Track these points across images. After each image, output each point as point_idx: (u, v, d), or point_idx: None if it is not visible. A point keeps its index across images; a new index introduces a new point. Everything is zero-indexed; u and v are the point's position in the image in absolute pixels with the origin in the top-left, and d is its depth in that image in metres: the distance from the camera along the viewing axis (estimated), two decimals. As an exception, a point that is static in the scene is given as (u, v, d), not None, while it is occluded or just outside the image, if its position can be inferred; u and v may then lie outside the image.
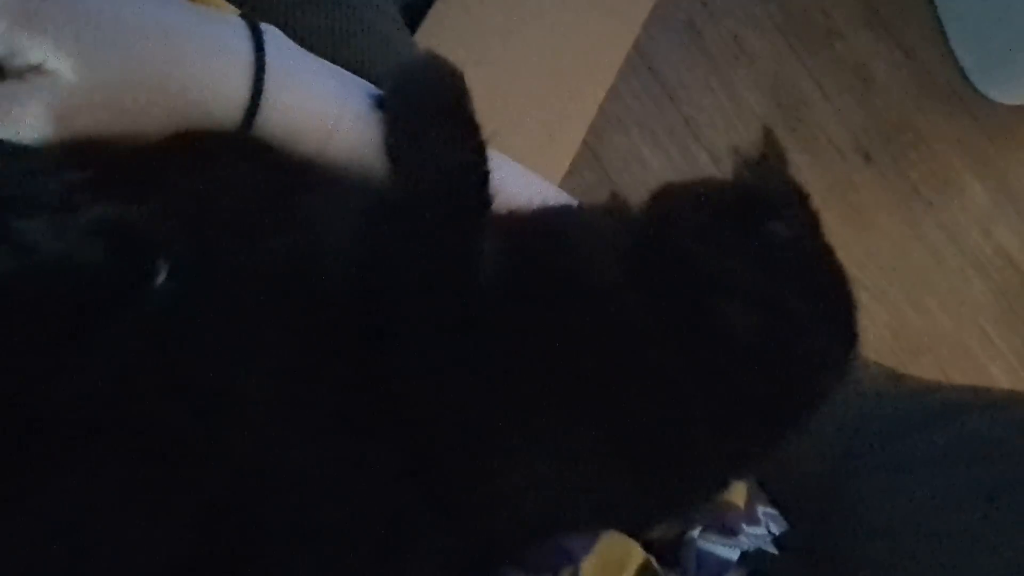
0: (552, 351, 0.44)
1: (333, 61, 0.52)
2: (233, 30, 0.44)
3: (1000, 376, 1.44)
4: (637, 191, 0.54)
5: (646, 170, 1.40)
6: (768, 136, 0.55)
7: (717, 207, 0.50)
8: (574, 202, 0.58)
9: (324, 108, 0.47)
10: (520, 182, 0.55)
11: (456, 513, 0.43)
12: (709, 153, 1.42)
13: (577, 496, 0.45)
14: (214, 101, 0.43)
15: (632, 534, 0.51)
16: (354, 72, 0.52)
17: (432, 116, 0.48)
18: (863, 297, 1.50)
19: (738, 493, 0.56)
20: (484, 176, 0.47)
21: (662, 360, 0.44)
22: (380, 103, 0.50)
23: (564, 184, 1.31)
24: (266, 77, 0.44)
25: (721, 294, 0.46)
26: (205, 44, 0.42)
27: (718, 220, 0.48)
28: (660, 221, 0.49)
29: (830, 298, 0.49)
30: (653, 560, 0.51)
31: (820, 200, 1.53)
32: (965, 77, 1.51)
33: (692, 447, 0.45)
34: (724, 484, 0.51)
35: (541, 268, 0.46)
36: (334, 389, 0.41)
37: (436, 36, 1.02)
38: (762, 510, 0.58)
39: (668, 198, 0.52)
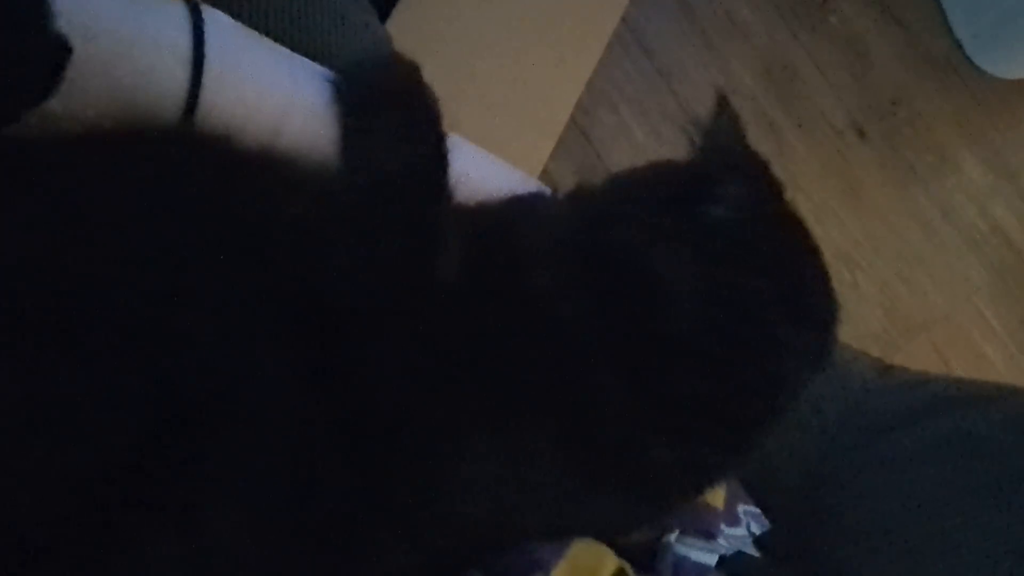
0: (504, 354, 0.42)
1: (290, 42, 0.49)
2: (170, 20, 0.41)
3: (994, 356, 1.43)
4: None
5: (636, 148, 1.37)
6: (722, 102, 0.52)
7: (660, 194, 0.47)
8: (544, 190, 0.55)
9: (270, 103, 0.44)
10: (486, 171, 0.53)
11: (408, 519, 0.41)
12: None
13: (535, 504, 0.43)
14: (147, 99, 0.40)
15: (605, 539, 0.49)
16: (312, 54, 0.50)
17: (384, 110, 0.46)
18: (856, 276, 1.48)
19: (716, 494, 0.54)
20: (443, 169, 0.45)
21: (607, 367, 0.42)
22: (335, 96, 0.47)
23: (552, 164, 1.29)
24: (205, 72, 0.41)
25: (664, 294, 0.43)
26: (135, 39, 0.39)
27: (660, 210, 0.46)
28: (602, 216, 0.47)
29: (792, 281, 0.46)
30: (628, 566, 0.49)
31: (813, 177, 1.50)
32: (962, 51, 1.48)
33: (647, 457, 0.43)
34: (694, 492, 0.49)
35: (494, 265, 0.43)
36: (277, 393, 0.38)
37: (415, 14, 0.99)
38: (743, 508, 0.56)
39: (613, 190, 0.49)
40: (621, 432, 0.43)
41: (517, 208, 0.48)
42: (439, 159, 0.44)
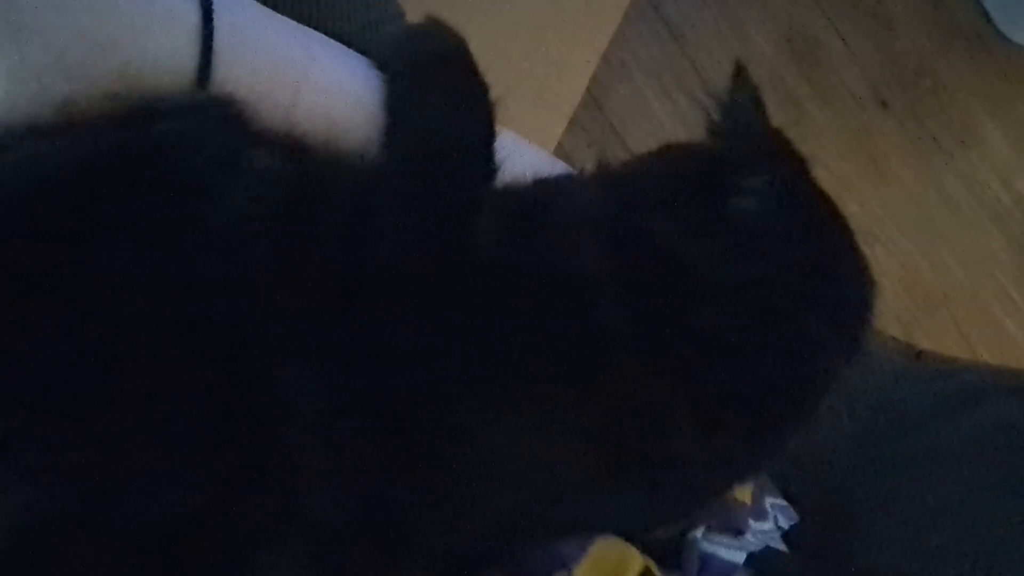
0: (534, 342, 0.40)
1: (298, 11, 0.47)
2: None
3: (1016, 332, 1.40)
4: (643, 142, 0.50)
5: (652, 120, 1.34)
6: (739, 73, 0.50)
7: (684, 183, 0.45)
8: (568, 171, 0.53)
9: (284, 77, 0.42)
10: (513, 152, 0.50)
11: (440, 507, 0.40)
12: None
13: (562, 496, 0.42)
14: (157, 77, 0.38)
15: (629, 536, 0.48)
16: (320, 23, 0.48)
17: (439, 82, 0.44)
18: (876, 251, 1.46)
19: (744, 488, 0.52)
20: (491, 143, 0.43)
21: (635, 358, 0.40)
22: (381, 67, 0.46)
23: (567, 137, 1.26)
24: (215, 45, 0.39)
25: (692, 288, 0.41)
26: (142, 13, 0.38)
27: (685, 200, 0.44)
28: (628, 201, 0.45)
29: (823, 272, 0.44)
30: (653, 565, 0.47)
31: (834, 149, 1.47)
32: (989, 20, 1.44)
33: (675, 453, 0.41)
34: (721, 490, 0.47)
35: (527, 245, 0.42)
36: (313, 375, 0.37)
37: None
38: (770, 502, 0.55)
39: (637, 173, 0.47)
40: (647, 425, 0.41)
41: (548, 188, 0.46)
42: (488, 130, 0.43)
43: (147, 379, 0.34)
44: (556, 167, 0.53)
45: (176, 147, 0.38)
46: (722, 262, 0.42)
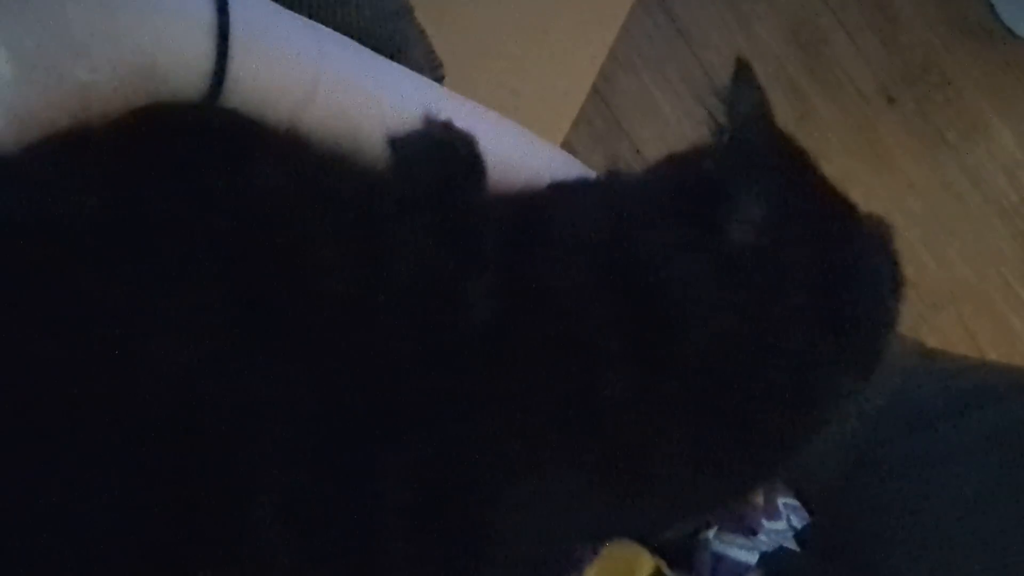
0: (533, 371, 0.39)
1: (307, 3, 0.47)
2: None
3: (1023, 330, 1.40)
4: (648, 138, 0.49)
5: (658, 116, 1.33)
6: (742, 71, 0.47)
7: (680, 203, 0.43)
8: (579, 170, 0.53)
9: (299, 73, 0.42)
10: (523, 151, 0.50)
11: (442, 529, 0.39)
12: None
13: (566, 522, 0.42)
14: (174, 71, 0.38)
15: (640, 538, 0.48)
16: (329, 16, 0.47)
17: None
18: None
19: (755, 489, 0.52)
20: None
21: (629, 388, 0.39)
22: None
23: (573, 133, 1.26)
24: (231, 41, 0.39)
25: (682, 315, 0.40)
26: (156, 4, 0.37)
27: (679, 222, 0.42)
28: (624, 219, 0.43)
29: (830, 289, 0.42)
30: (664, 565, 0.47)
31: (840, 144, 1.46)
32: (995, 14, 1.44)
33: (674, 480, 0.41)
34: (727, 502, 0.47)
35: (524, 273, 0.41)
36: (309, 410, 0.36)
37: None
38: (783, 501, 0.55)
39: (639, 187, 0.46)
40: (647, 453, 0.41)
41: (554, 200, 0.45)
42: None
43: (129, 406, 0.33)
44: (571, 165, 0.53)
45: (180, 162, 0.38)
46: (713, 287, 0.41)
